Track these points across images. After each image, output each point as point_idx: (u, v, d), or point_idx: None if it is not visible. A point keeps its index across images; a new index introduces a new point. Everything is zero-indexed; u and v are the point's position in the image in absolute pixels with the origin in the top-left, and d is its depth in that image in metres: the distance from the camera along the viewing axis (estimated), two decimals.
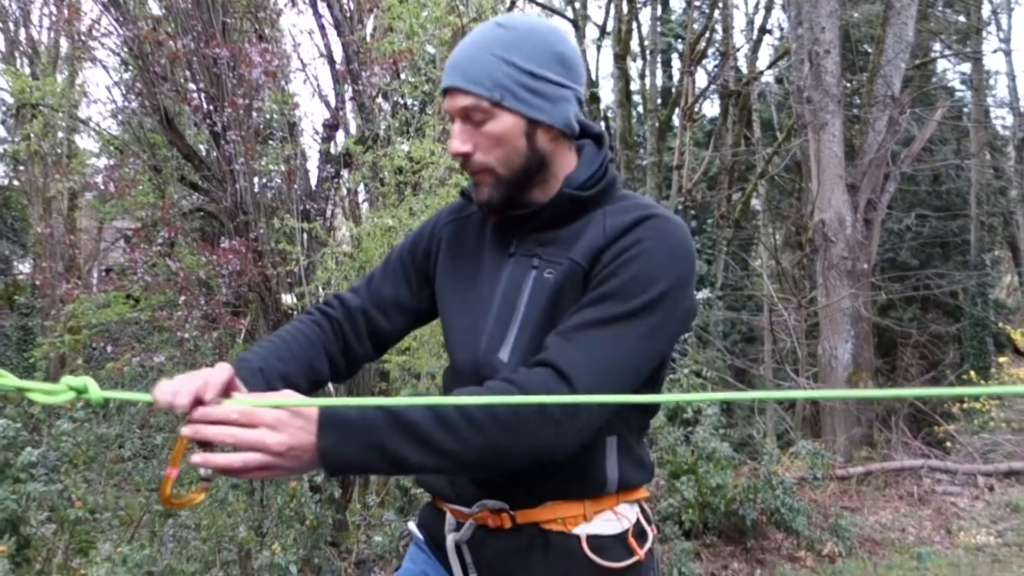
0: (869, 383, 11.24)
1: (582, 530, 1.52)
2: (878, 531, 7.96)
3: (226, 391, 1.27)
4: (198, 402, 1.23)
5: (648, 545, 1.59)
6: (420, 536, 1.73)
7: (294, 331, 1.68)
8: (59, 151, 11.14)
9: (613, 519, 1.55)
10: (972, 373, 15.65)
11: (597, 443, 1.51)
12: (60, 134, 10.15)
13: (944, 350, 18.39)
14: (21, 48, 14.84)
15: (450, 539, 1.58)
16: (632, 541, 1.56)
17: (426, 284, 1.75)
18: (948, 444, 11.87)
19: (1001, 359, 16.74)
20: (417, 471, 1.32)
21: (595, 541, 1.52)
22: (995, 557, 7.18)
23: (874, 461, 9.94)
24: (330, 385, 5.56)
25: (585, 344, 1.37)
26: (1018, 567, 6.75)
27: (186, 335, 5.67)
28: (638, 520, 1.60)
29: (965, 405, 12.82)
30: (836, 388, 11.03)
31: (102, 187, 7.50)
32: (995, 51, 21.80)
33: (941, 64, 20.84)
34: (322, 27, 6.79)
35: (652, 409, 1.70)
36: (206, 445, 1.22)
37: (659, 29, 18.72)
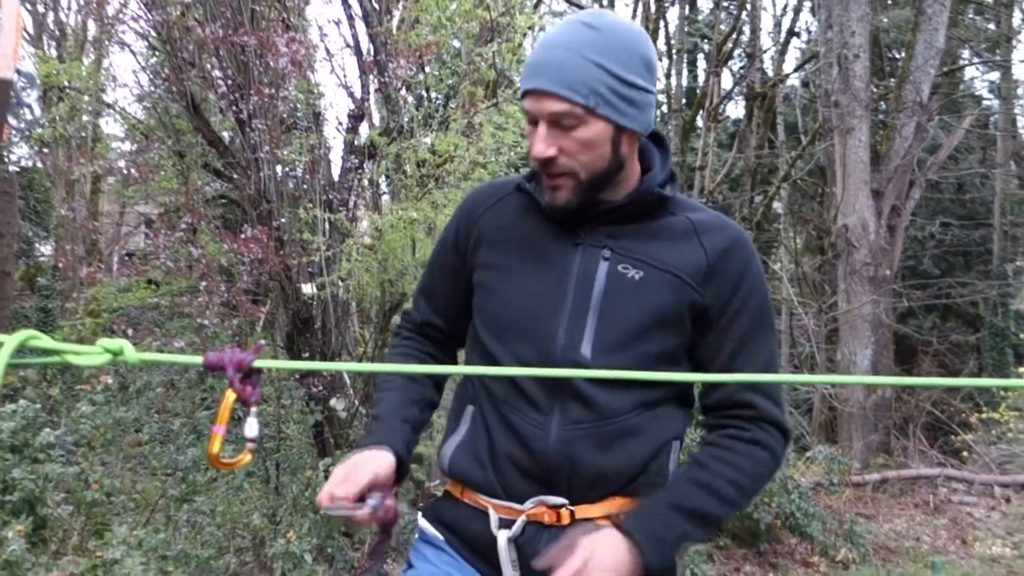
0: (887, 390, 11.15)
1: None
2: (893, 539, 7.90)
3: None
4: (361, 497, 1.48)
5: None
6: (438, 535, 1.66)
7: (406, 381, 1.74)
8: (84, 135, 11.20)
9: None
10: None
11: (667, 447, 1.57)
12: (85, 117, 10.20)
13: (963, 359, 18.23)
14: (49, 31, 14.94)
15: (502, 536, 1.53)
16: None
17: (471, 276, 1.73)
18: (965, 454, 11.77)
19: (1021, 369, 16.57)
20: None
21: None
22: (1010, 569, 7.12)
23: (890, 468, 9.89)
24: (346, 376, 5.53)
25: (774, 388, 1.62)
26: None
27: (205, 321, 5.68)
28: None
29: (983, 415, 12.70)
30: (854, 394, 10.95)
31: (125, 172, 7.54)
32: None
33: (969, 72, 20.65)
34: (350, 17, 6.79)
35: None
36: (249, 405, 1.24)
37: (686, 29, 18.62)
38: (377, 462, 1.53)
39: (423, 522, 1.71)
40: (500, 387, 1.57)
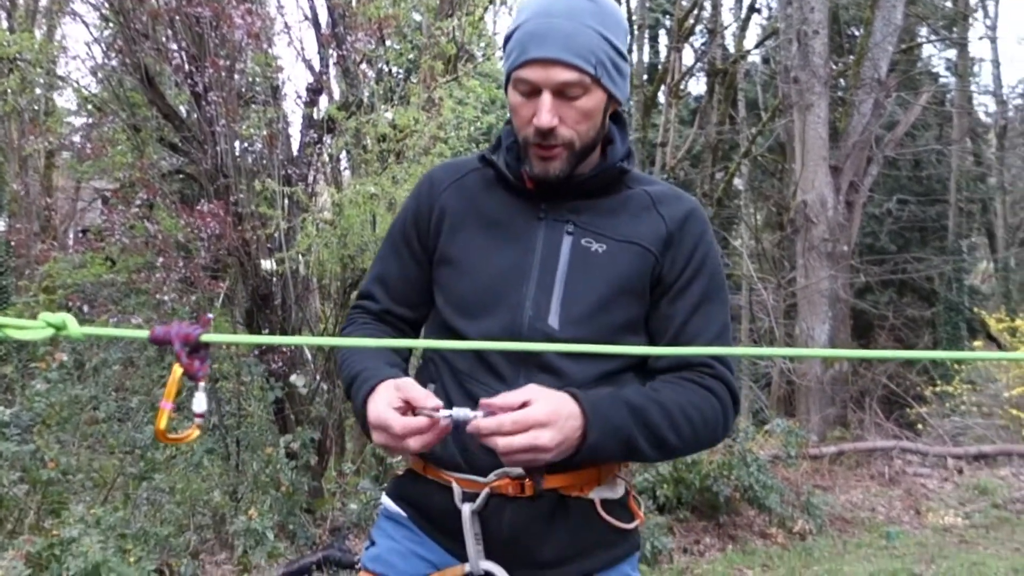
0: (844, 364, 11.33)
1: (596, 494, 1.55)
2: (849, 510, 8.06)
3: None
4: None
5: (641, 509, 1.65)
6: (401, 512, 1.65)
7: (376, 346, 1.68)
8: (36, 108, 10.95)
9: (617, 483, 1.60)
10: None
11: None
12: (37, 91, 9.96)
13: (919, 334, 18.56)
14: None
15: (466, 509, 1.51)
16: (632, 504, 1.64)
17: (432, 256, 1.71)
18: (920, 426, 12.02)
19: (975, 344, 16.93)
20: (635, 460, 1.52)
21: (606, 504, 1.56)
22: (962, 538, 7.30)
23: (847, 441, 10.06)
24: (306, 352, 5.50)
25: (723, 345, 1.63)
26: (984, 548, 6.86)
27: (164, 298, 5.61)
28: (628, 485, 1.64)
29: (938, 388, 12.97)
30: (811, 368, 11.12)
31: (79, 146, 7.39)
32: (981, 38, 21.90)
33: (927, 49, 20.89)
34: None
35: None
36: (197, 381, 1.22)
37: (647, 4, 18.62)
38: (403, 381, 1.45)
39: (386, 500, 1.70)
40: (464, 361, 1.57)
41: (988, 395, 11.90)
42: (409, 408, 1.38)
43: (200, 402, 1.25)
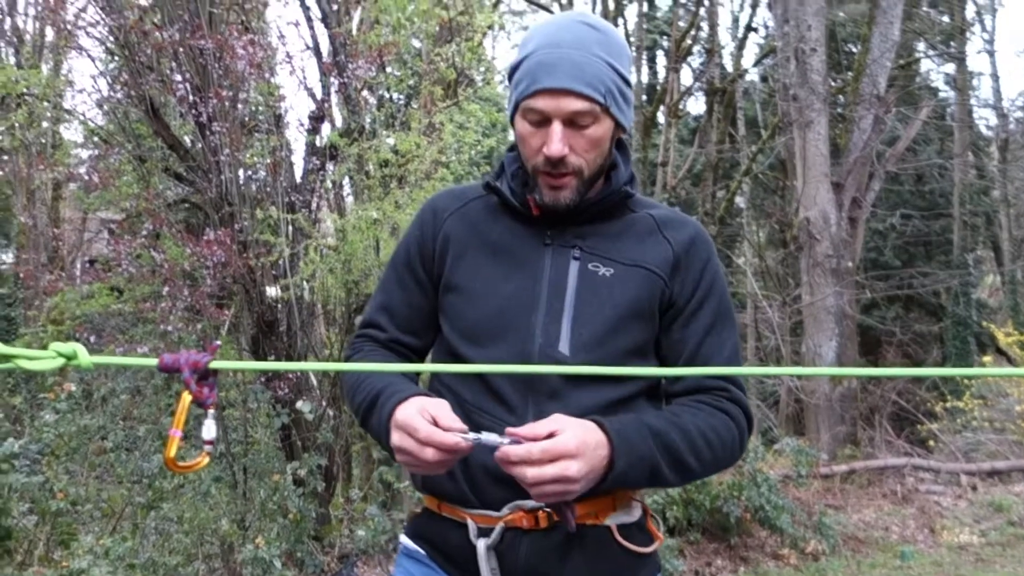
0: (853, 381, 11.29)
1: (612, 520, 1.54)
2: (861, 529, 8.00)
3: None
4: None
5: (660, 529, 1.64)
6: (419, 549, 1.64)
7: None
8: (43, 141, 11.04)
9: (633, 506, 1.59)
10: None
11: None
12: (45, 124, 10.05)
13: (927, 349, 18.50)
14: (6, 37, 14.70)
15: (481, 545, 1.50)
16: (651, 525, 1.62)
17: (438, 284, 1.70)
18: (931, 443, 11.94)
19: (984, 359, 16.84)
20: (658, 487, 1.56)
21: (624, 529, 1.55)
22: (978, 556, 7.23)
23: (858, 459, 10.00)
24: (312, 378, 5.50)
25: (739, 377, 1.65)
26: (1001, 566, 6.80)
27: (169, 327, 5.63)
28: (644, 506, 1.63)
29: (948, 404, 12.89)
30: (820, 386, 11.07)
31: (86, 178, 7.45)
32: (979, 52, 21.98)
33: (925, 64, 20.97)
34: (308, 19, 6.77)
35: None
36: (206, 408, 1.23)
37: (645, 26, 18.73)
38: (437, 400, 1.45)
39: (404, 539, 1.69)
40: (471, 392, 1.56)
41: (1000, 410, 11.81)
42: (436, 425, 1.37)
43: (209, 429, 1.26)
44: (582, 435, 1.34)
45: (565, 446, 1.31)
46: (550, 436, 1.33)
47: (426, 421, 1.36)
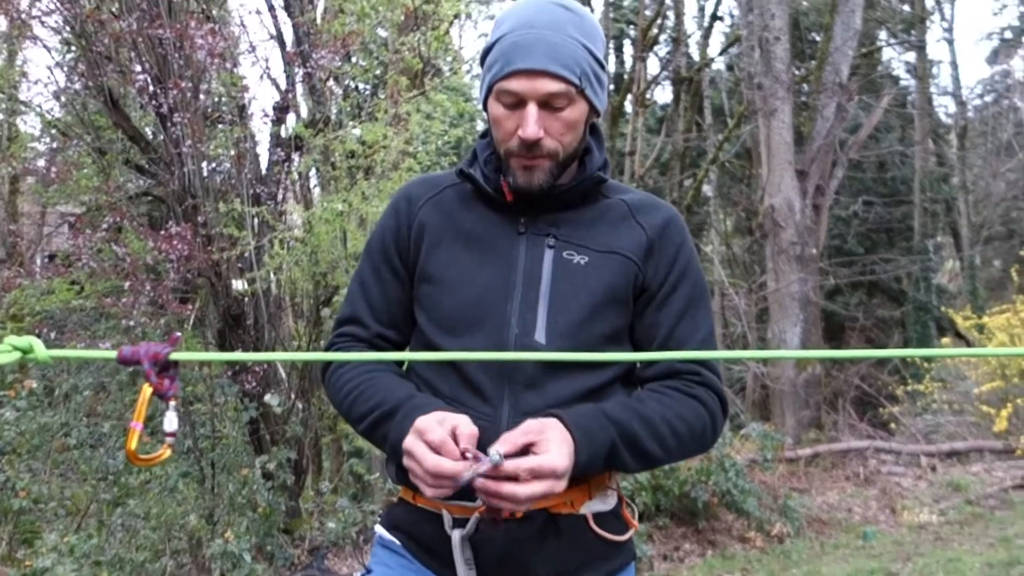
0: (817, 366, 11.44)
1: (587, 508, 1.53)
2: (825, 511, 8.13)
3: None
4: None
5: (636, 517, 1.64)
6: (394, 540, 1.63)
7: (387, 369, 1.62)
8: None
9: (609, 495, 1.58)
10: (916, 357, 15.97)
11: None
12: (0, 116, 9.85)
13: (889, 334, 18.77)
14: None
15: (456, 535, 1.49)
16: (626, 513, 1.62)
17: (413, 274, 1.67)
18: (892, 426, 12.14)
19: (944, 341, 17.13)
20: (617, 471, 1.53)
21: (599, 518, 1.54)
22: (937, 535, 7.37)
23: (822, 443, 10.15)
24: (280, 371, 5.44)
25: (713, 360, 1.64)
26: (959, 544, 6.94)
27: (132, 322, 5.55)
28: (620, 493, 1.63)
29: (909, 387, 13.10)
30: (785, 372, 11.20)
31: (44, 171, 7.33)
32: (938, 40, 22.27)
33: (886, 53, 21.20)
34: (271, 8, 6.68)
35: None
36: (167, 400, 1.22)
37: (611, 15, 18.74)
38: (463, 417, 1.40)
39: (380, 529, 1.67)
40: (446, 383, 1.54)
41: (959, 392, 12.03)
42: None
43: (171, 421, 1.25)
44: (567, 452, 1.33)
45: (555, 465, 1.30)
46: (527, 447, 1.32)
47: (431, 451, 1.33)
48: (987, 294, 19.95)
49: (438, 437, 1.32)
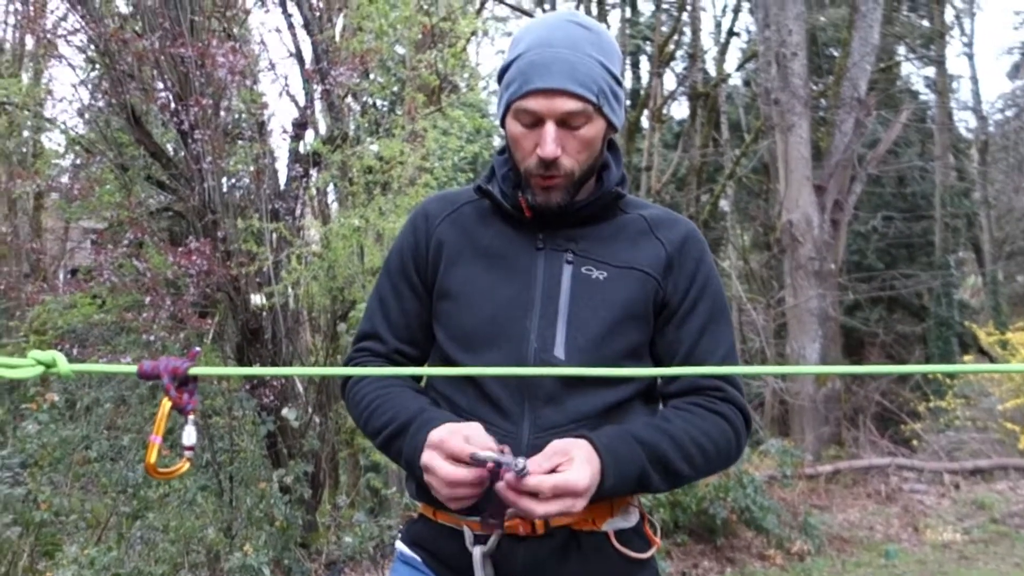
0: (837, 382, 11.36)
1: (609, 526, 1.53)
2: (846, 529, 8.05)
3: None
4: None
5: (657, 534, 1.64)
6: (415, 556, 1.63)
7: (404, 384, 1.63)
8: (24, 151, 10.97)
9: (631, 512, 1.59)
10: (938, 373, 15.84)
11: None
12: (25, 133, 9.99)
13: (910, 350, 18.60)
14: None
15: (477, 552, 1.48)
16: (648, 530, 1.62)
17: (432, 290, 1.67)
18: (914, 442, 12.03)
19: (966, 358, 16.96)
20: (647, 492, 1.52)
21: (621, 535, 1.54)
22: (962, 554, 7.29)
23: (842, 460, 10.06)
24: (298, 385, 5.46)
25: (736, 376, 1.63)
26: (984, 563, 6.85)
27: (152, 336, 5.60)
28: (642, 510, 1.63)
29: (931, 404, 12.98)
30: (804, 387, 11.13)
31: (68, 187, 7.41)
32: (958, 55, 22.15)
33: (905, 68, 21.12)
34: (291, 26, 6.76)
35: None
36: (186, 414, 1.24)
37: (628, 31, 18.79)
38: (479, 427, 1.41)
39: (400, 544, 1.68)
40: (466, 399, 1.55)
41: (982, 409, 11.91)
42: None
43: (190, 435, 1.27)
44: (590, 473, 1.33)
45: (576, 485, 1.30)
46: (555, 469, 1.32)
47: (447, 461, 1.34)
48: (1010, 309, 19.75)
49: (456, 446, 1.33)
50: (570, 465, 1.32)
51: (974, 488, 9.52)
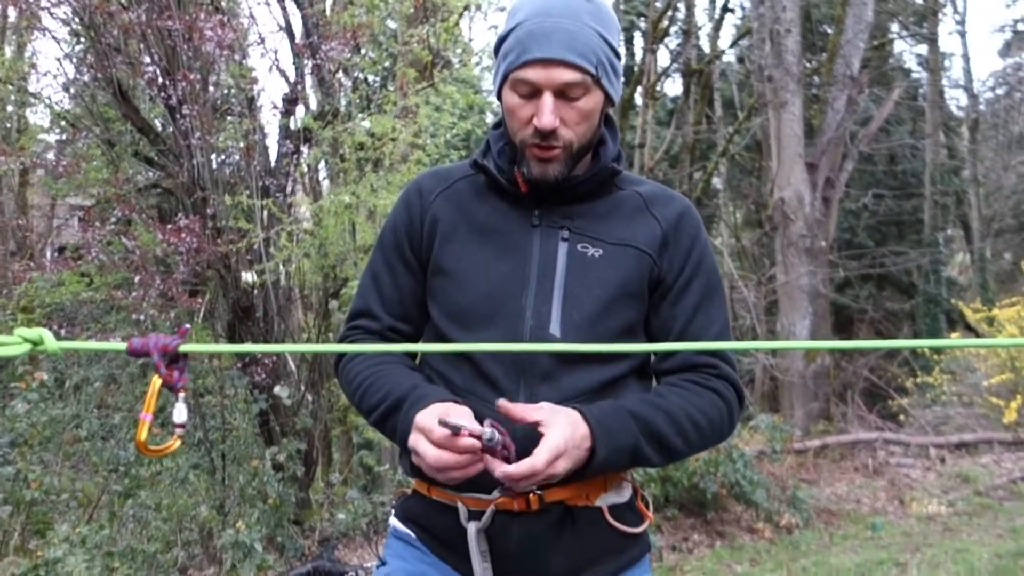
0: (826, 358, 11.41)
1: (603, 501, 1.53)
2: (834, 502, 8.12)
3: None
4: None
5: (650, 508, 1.64)
6: (409, 532, 1.62)
7: (397, 361, 1.62)
8: (8, 126, 10.85)
9: (624, 487, 1.58)
10: (925, 349, 15.94)
11: None
12: (9, 108, 9.88)
13: (899, 326, 18.71)
14: None
15: (472, 528, 1.48)
16: (641, 505, 1.61)
17: (426, 267, 1.66)
18: (902, 417, 12.13)
19: (953, 335, 17.07)
20: (641, 467, 1.55)
21: (614, 510, 1.54)
22: (946, 526, 7.37)
23: (830, 434, 10.14)
24: (290, 362, 5.46)
25: (729, 352, 1.64)
26: (967, 535, 6.93)
27: (142, 315, 5.56)
28: (635, 485, 1.62)
29: (918, 379, 13.08)
30: (794, 363, 11.18)
31: (53, 163, 7.34)
32: (950, 33, 22.12)
33: (898, 45, 21.09)
34: None
35: None
36: (176, 392, 1.22)
37: (622, 7, 18.66)
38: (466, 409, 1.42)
39: (394, 521, 1.67)
40: (461, 376, 1.54)
41: (968, 384, 12.01)
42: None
43: (180, 413, 1.25)
44: (570, 433, 1.34)
45: (554, 447, 1.31)
46: (535, 425, 1.34)
47: (432, 444, 1.34)
48: (997, 287, 19.86)
49: (438, 434, 1.32)
50: (548, 429, 1.34)
51: (959, 462, 9.63)
